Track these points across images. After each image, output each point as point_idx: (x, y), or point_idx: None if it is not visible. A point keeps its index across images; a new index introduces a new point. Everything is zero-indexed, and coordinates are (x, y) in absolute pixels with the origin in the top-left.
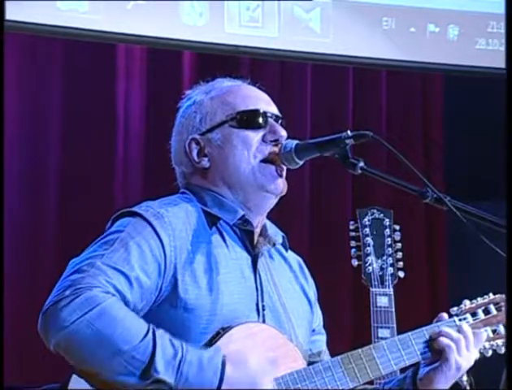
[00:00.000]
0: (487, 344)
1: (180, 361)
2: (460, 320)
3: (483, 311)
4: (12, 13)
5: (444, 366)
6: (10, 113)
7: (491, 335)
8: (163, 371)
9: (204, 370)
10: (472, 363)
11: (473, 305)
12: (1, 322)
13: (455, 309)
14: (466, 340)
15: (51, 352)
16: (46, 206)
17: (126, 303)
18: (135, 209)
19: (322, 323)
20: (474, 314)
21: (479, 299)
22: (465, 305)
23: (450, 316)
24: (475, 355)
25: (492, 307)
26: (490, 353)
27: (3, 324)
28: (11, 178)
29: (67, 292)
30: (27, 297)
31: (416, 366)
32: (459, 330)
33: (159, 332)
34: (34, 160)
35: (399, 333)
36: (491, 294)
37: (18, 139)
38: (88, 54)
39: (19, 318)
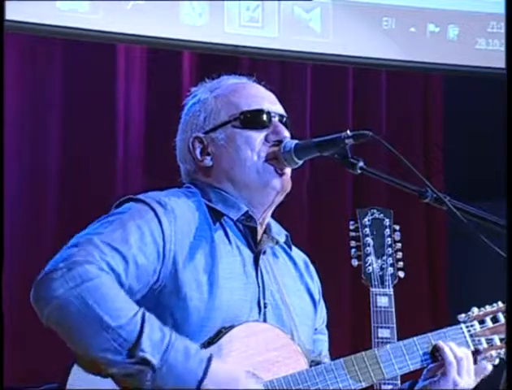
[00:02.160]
0: (494, 353)
1: (168, 346)
2: (467, 327)
3: (492, 319)
4: (12, 13)
5: (441, 382)
6: (10, 113)
7: (498, 343)
8: (149, 352)
9: (190, 359)
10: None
11: (481, 313)
12: (1, 323)
13: (463, 316)
14: (467, 361)
15: (51, 352)
16: (46, 206)
17: (120, 283)
18: (140, 196)
19: (325, 323)
20: (482, 322)
21: (487, 307)
22: (473, 313)
23: (458, 323)
24: (474, 382)
25: (500, 315)
26: (497, 361)
27: (3, 324)
28: (11, 178)
29: (62, 265)
30: (27, 297)
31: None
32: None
33: (150, 316)
34: (34, 160)
35: (399, 333)
36: (499, 303)
37: (18, 139)
38: (89, 54)
39: (18, 318)
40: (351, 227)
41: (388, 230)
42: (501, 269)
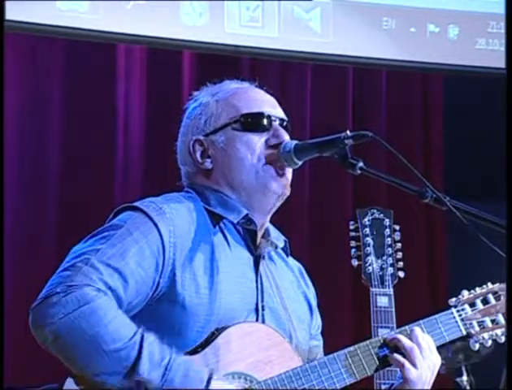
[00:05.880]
0: (486, 335)
1: (166, 368)
2: (458, 311)
3: (482, 301)
4: (12, 13)
5: (402, 381)
6: (10, 113)
7: (489, 325)
8: (147, 375)
9: (188, 381)
10: (437, 368)
11: (471, 296)
12: (1, 323)
13: (453, 300)
14: (419, 347)
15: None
16: (46, 206)
17: (119, 299)
18: (137, 204)
19: (320, 330)
20: (472, 305)
21: (477, 289)
22: (463, 296)
23: (448, 307)
24: (437, 359)
25: (490, 297)
26: (490, 343)
27: (3, 324)
28: (11, 178)
29: (58, 289)
30: (27, 297)
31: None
32: (411, 337)
33: (149, 338)
34: (34, 160)
35: None
36: (489, 284)
37: (18, 139)
38: (89, 54)
39: (19, 318)
40: (351, 227)
41: (388, 230)
42: (501, 269)
